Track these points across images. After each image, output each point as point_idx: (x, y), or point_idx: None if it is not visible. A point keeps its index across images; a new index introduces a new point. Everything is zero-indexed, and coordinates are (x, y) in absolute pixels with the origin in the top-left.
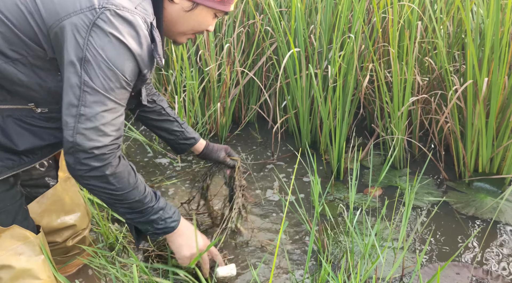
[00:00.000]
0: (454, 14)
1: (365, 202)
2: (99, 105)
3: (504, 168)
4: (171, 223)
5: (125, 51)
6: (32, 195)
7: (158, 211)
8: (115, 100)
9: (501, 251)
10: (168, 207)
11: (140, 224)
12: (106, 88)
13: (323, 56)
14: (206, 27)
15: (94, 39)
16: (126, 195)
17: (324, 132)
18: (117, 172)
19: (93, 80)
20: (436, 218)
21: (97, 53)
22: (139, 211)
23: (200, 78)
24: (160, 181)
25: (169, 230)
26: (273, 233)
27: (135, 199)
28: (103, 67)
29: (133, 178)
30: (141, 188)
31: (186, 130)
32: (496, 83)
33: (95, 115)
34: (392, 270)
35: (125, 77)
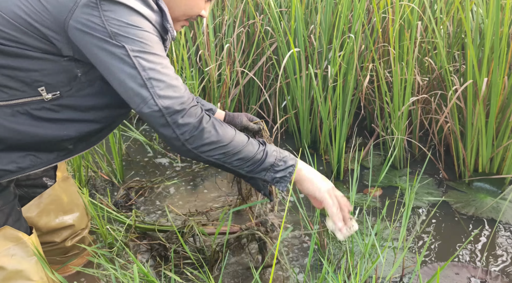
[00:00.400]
0: (454, 14)
1: (365, 202)
2: (156, 64)
3: (504, 168)
4: (290, 161)
5: (139, 15)
6: (29, 195)
7: (271, 153)
8: (160, 55)
9: (501, 251)
10: (278, 148)
11: (262, 173)
12: (148, 48)
13: (323, 56)
14: (198, 11)
15: (109, 11)
16: (233, 145)
17: (324, 132)
18: (211, 122)
19: (133, 45)
20: (436, 217)
21: (119, 21)
22: (254, 159)
23: (200, 78)
24: (160, 181)
25: (292, 169)
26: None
27: (243, 146)
28: (132, 31)
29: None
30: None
31: (201, 103)
32: (496, 83)
33: (160, 74)
34: (392, 270)
35: (151, 32)
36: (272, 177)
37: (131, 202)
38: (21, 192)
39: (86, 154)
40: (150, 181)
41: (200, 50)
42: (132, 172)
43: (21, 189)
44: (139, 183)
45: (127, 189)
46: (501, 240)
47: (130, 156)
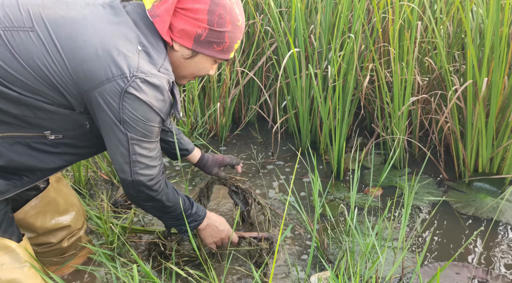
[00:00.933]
0: (454, 14)
1: (366, 201)
2: (144, 150)
3: (504, 168)
4: (200, 220)
5: (152, 110)
6: (22, 198)
7: (192, 214)
8: (152, 141)
9: (501, 250)
10: (198, 208)
11: (178, 226)
12: (146, 136)
13: (323, 56)
14: (206, 72)
15: (128, 103)
16: (173, 209)
17: (324, 132)
18: (167, 193)
19: (136, 134)
20: (436, 217)
21: (132, 114)
22: (180, 218)
23: (200, 78)
24: None
25: (196, 225)
26: (273, 233)
27: (179, 210)
28: (139, 124)
29: (177, 195)
30: (182, 200)
31: (180, 141)
32: (496, 83)
33: (144, 157)
34: (392, 270)
35: (155, 126)
36: (181, 229)
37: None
38: (14, 195)
39: None
40: None
41: None
42: None
43: None
44: None
45: None
46: (501, 240)
47: None
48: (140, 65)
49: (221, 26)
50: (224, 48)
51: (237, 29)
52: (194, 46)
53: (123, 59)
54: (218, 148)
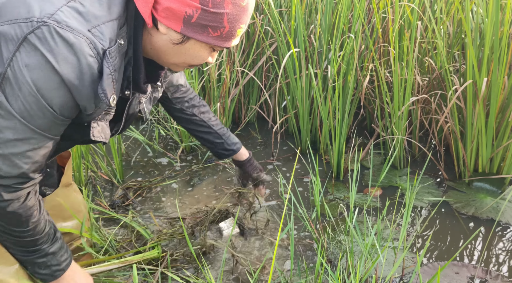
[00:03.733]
0: (454, 14)
1: (365, 201)
2: (12, 132)
3: (504, 168)
4: (55, 272)
5: (55, 78)
6: None
7: (46, 255)
8: (35, 129)
9: (500, 250)
10: (60, 253)
11: (23, 261)
12: (25, 115)
13: (323, 56)
14: (201, 61)
15: (21, 56)
16: (16, 232)
17: (324, 132)
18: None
19: (9, 101)
20: (436, 217)
21: (20, 72)
22: (25, 250)
23: (200, 78)
24: (158, 181)
25: (49, 279)
26: (273, 233)
27: (25, 238)
28: (24, 90)
29: (33, 219)
30: (38, 229)
31: (226, 142)
32: (496, 83)
33: (5, 142)
34: (393, 270)
35: (52, 109)
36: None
37: (128, 202)
38: None
39: (86, 154)
40: (149, 181)
41: None
42: (131, 171)
43: None
44: (138, 183)
45: (125, 189)
46: (501, 239)
47: (129, 155)
48: (58, 14)
49: (218, 7)
50: (222, 34)
51: (241, 11)
52: (184, 30)
53: (38, 2)
54: None
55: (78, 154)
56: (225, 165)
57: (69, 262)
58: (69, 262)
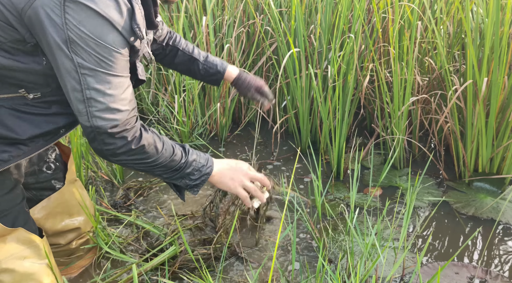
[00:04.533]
0: (454, 14)
1: (366, 201)
2: (103, 84)
3: (504, 168)
4: (206, 170)
5: (105, 22)
6: (37, 197)
7: (191, 164)
8: (115, 74)
9: (500, 250)
10: (199, 157)
11: (178, 180)
12: (103, 65)
13: (323, 56)
14: None
15: (72, 16)
16: (157, 160)
17: (324, 132)
18: (142, 144)
19: (86, 60)
20: (436, 217)
21: (79, 30)
22: (174, 169)
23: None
24: (159, 180)
25: (206, 177)
26: (273, 233)
27: (166, 160)
28: (90, 44)
29: (160, 144)
30: (169, 149)
31: (208, 66)
32: (496, 83)
33: (103, 95)
34: (393, 270)
35: (116, 48)
36: (186, 184)
37: (130, 202)
38: (29, 195)
39: (86, 153)
40: (149, 181)
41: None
42: (131, 172)
43: (29, 191)
44: (139, 183)
45: (126, 190)
46: (501, 240)
47: None
48: None
49: None
50: None
51: None
52: None
53: None
54: (218, 148)
55: (78, 154)
56: None
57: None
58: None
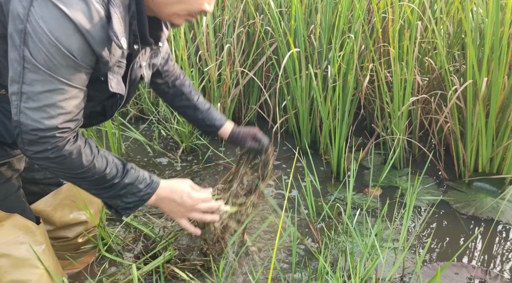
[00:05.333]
0: (454, 14)
1: (365, 202)
2: (42, 85)
3: (504, 168)
4: (142, 196)
5: (70, 25)
6: (44, 192)
7: (125, 186)
8: (62, 80)
9: (500, 250)
10: (139, 180)
11: (109, 199)
12: (50, 66)
13: (323, 56)
14: (199, 6)
15: (36, 9)
16: (81, 174)
17: (324, 132)
18: (63, 154)
19: (33, 55)
20: (436, 217)
21: (38, 25)
22: (103, 187)
23: (200, 78)
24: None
25: (140, 203)
26: (273, 233)
27: (94, 177)
28: (44, 41)
29: (88, 157)
30: (100, 165)
31: (207, 118)
32: (496, 83)
33: (38, 94)
34: (392, 271)
35: (72, 55)
36: (117, 205)
37: None
38: (36, 189)
39: None
40: None
41: (200, 51)
42: None
43: (37, 186)
44: None
45: None
46: (501, 240)
47: (130, 155)
48: None
49: None
50: None
51: None
52: None
53: None
54: (218, 147)
55: None
56: (226, 165)
57: (153, 186)
58: (153, 186)
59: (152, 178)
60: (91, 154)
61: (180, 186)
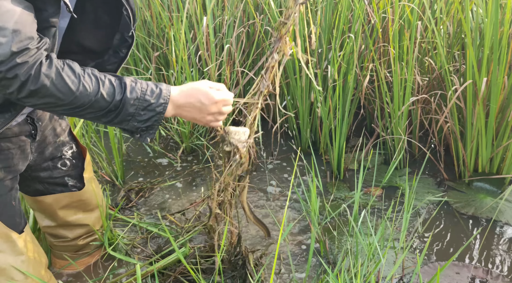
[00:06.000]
0: (454, 14)
1: (366, 201)
2: None
3: (504, 168)
4: (156, 108)
5: None
6: (49, 191)
7: (131, 103)
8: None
9: (500, 250)
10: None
11: (123, 123)
12: None
13: (323, 56)
14: None
15: None
16: (75, 101)
17: (324, 132)
18: (43, 83)
19: None
20: (436, 217)
21: None
22: (107, 110)
23: (200, 78)
24: (160, 181)
25: (158, 117)
26: (273, 233)
27: (91, 101)
28: None
29: (73, 78)
30: (90, 84)
31: None
32: (496, 83)
33: None
34: (393, 270)
35: None
36: (136, 127)
37: (132, 204)
38: (40, 187)
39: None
40: (150, 182)
41: (200, 51)
42: (132, 172)
43: (42, 184)
44: (139, 184)
45: (127, 191)
46: (501, 240)
47: (130, 156)
48: None
49: None
50: None
51: None
52: None
53: None
54: (218, 148)
55: None
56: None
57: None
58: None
59: (159, 86)
60: (75, 75)
61: (196, 88)
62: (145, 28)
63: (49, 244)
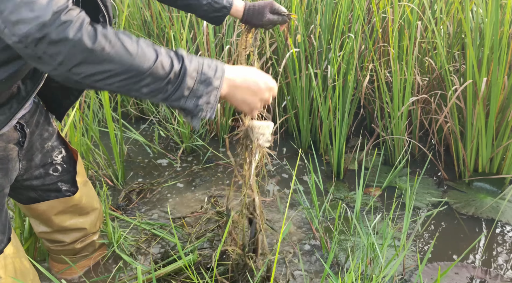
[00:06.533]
0: (454, 14)
1: (366, 201)
2: None
3: (504, 168)
4: (213, 83)
5: None
6: (42, 198)
7: (191, 74)
8: None
9: (500, 250)
10: (200, 62)
11: (180, 100)
12: None
13: (323, 56)
14: None
15: None
16: (135, 68)
17: (324, 132)
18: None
19: None
20: (436, 217)
21: None
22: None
23: None
24: (161, 182)
25: (217, 92)
26: (273, 233)
27: (150, 69)
28: None
29: (131, 41)
30: (149, 49)
31: (214, 0)
32: (496, 83)
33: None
34: (393, 270)
35: None
36: (195, 104)
37: (133, 205)
38: (34, 195)
39: (86, 153)
40: (151, 183)
41: (200, 51)
42: (131, 172)
43: (35, 192)
44: (140, 185)
45: (128, 192)
46: (501, 239)
47: (130, 156)
48: None
49: None
50: None
51: None
52: None
53: None
54: (218, 148)
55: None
56: (226, 165)
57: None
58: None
59: (214, 62)
60: (131, 37)
61: (252, 70)
62: (145, 28)
63: (46, 248)
